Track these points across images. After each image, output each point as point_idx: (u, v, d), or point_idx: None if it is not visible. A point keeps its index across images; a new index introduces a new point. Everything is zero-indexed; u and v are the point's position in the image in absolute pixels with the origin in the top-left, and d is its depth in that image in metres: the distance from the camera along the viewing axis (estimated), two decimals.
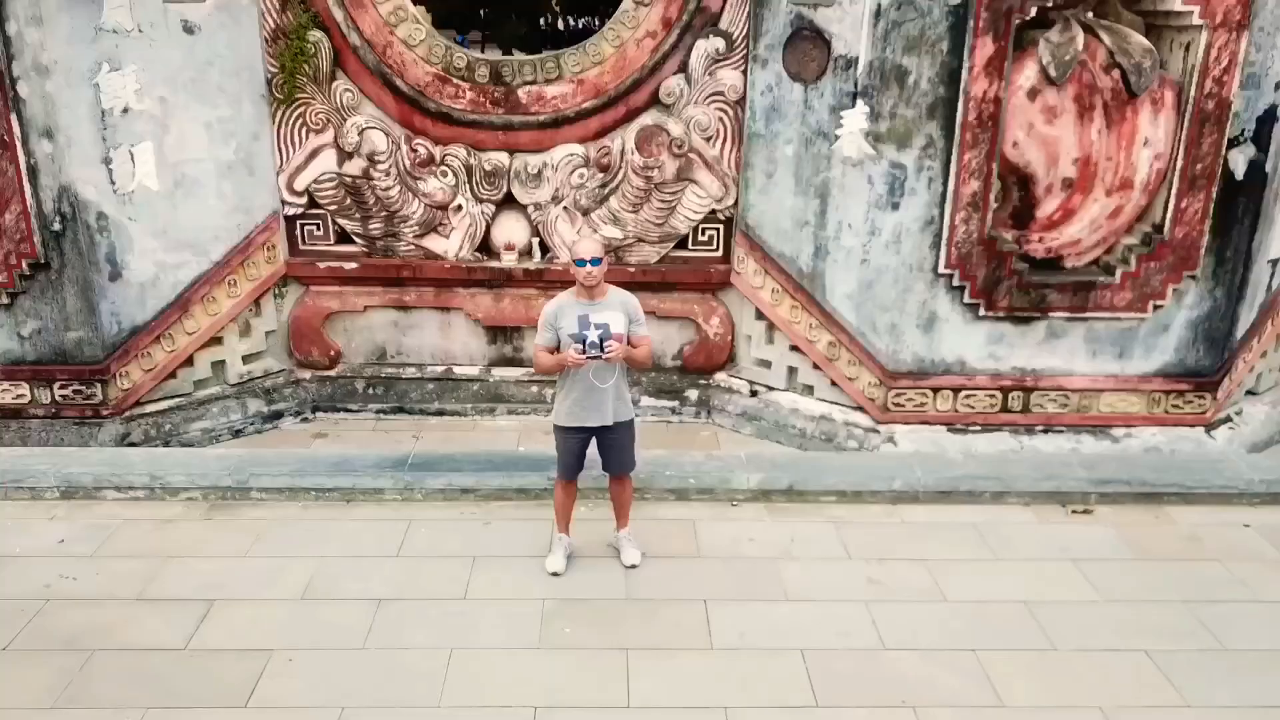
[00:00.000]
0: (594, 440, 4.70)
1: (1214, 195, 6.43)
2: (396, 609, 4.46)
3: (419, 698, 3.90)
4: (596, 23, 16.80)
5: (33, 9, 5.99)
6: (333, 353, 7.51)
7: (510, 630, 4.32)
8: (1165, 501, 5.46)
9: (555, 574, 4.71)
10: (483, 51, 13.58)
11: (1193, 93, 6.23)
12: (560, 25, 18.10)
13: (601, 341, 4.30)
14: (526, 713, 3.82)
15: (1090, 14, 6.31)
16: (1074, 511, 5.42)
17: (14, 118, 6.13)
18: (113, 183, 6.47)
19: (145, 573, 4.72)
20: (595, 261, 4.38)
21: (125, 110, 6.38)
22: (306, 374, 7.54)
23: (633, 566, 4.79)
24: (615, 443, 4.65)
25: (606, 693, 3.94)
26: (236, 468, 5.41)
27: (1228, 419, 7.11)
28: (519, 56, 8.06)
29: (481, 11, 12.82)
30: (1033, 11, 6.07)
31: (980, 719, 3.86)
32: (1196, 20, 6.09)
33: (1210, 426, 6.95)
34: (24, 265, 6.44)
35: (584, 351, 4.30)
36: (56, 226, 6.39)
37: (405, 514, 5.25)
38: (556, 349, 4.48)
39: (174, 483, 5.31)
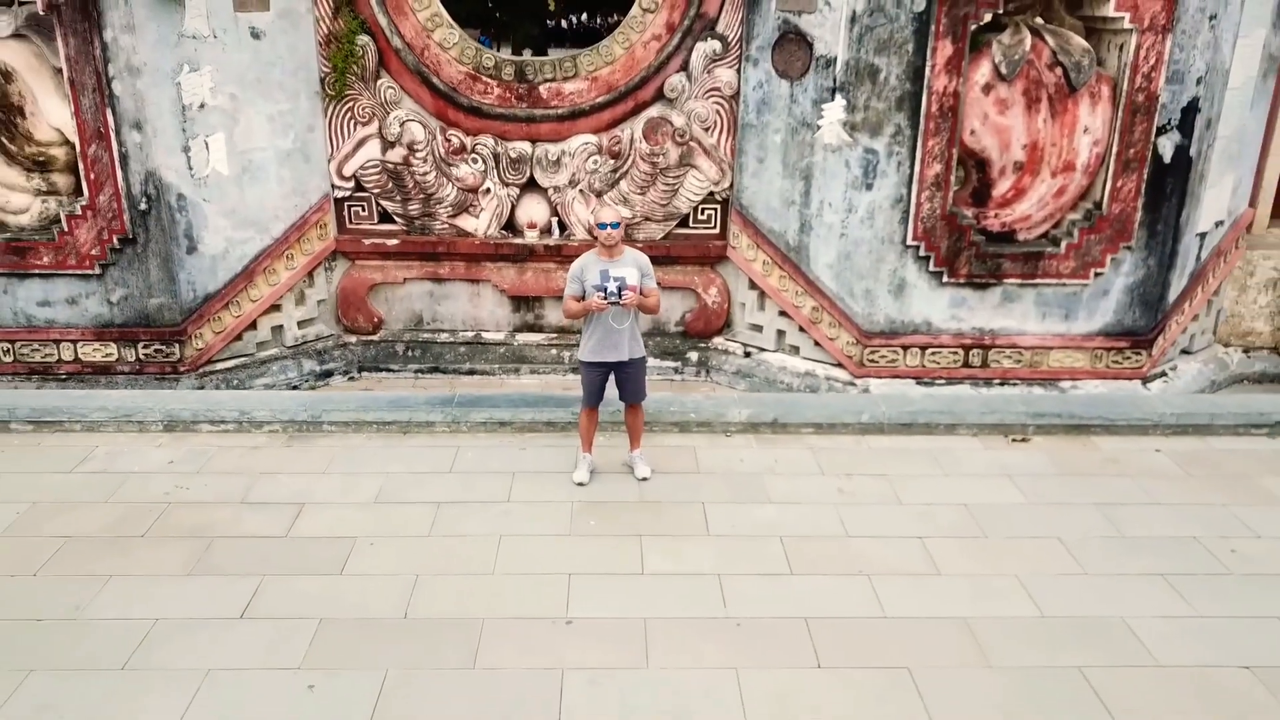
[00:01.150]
0: (612, 375, 5.80)
1: (1145, 176, 7.52)
2: (453, 510, 5.57)
3: (477, 568, 5.02)
4: (595, 21, 17.91)
5: (126, 18, 7.10)
6: (376, 319, 8.62)
7: (546, 523, 5.43)
8: (1092, 432, 6.56)
9: (580, 484, 5.82)
10: (497, 49, 14.72)
11: (1125, 87, 7.33)
12: (564, 25, 19.25)
13: (619, 290, 5.41)
14: (562, 578, 4.93)
15: (1038, 19, 7.42)
16: (1014, 440, 6.52)
17: (109, 112, 7.24)
18: (190, 168, 7.58)
19: (243, 485, 5.83)
20: (615, 225, 5.49)
21: (202, 105, 7.49)
22: (353, 338, 8.65)
23: (644, 479, 5.90)
24: (630, 376, 5.76)
25: (625, 564, 5.05)
26: (310, 405, 6.53)
27: (1163, 374, 8.21)
28: (540, 57, 9.15)
29: (497, 13, 13.96)
30: (986, 17, 7.17)
31: (920, 583, 4.96)
32: (1127, 25, 7.19)
33: (1146, 380, 8.05)
34: (115, 240, 7.55)
35: (605, 298, 5.41)
36: (143, 206, 7.51)
37: (454, 442, 6.37)
38: (582, 298, 5.58)
39: (258, 417, 6.43)
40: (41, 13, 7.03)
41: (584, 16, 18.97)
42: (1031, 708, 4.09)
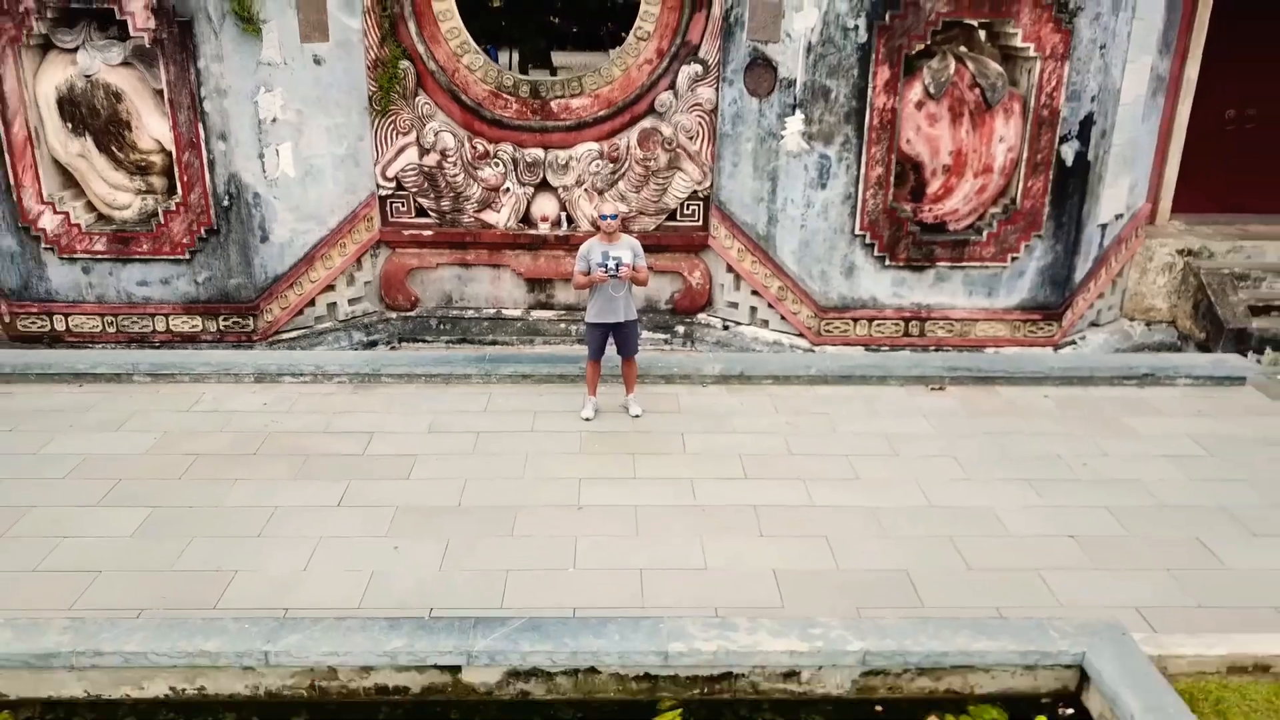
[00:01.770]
0: (611, 336, 7.49)
1: (1051, 177, 9.22)
2: (489, 437, 7.27)
3: (509, 475, 6.72)
4: (599, 29, 19.48)
5: (216, 50, 8.80)
6: (413, 298, 10.33)
7: (561, 446, 7.13)
8: (996, 383, 8.26)
9: (587, 419, 7.52)
10: (510, 61, 16.44)
11: (1033, 104, 9.02)
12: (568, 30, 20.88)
13: (617, 266, 7.11)
14: (574, 481, 6.64)
15: (961, 47, 9.11)
16: (932, 388, 8.22)
17: (200, 126, 8.94)
18: (264, 172, 9.27)
19: (324, 420, 7.54)
20: (614, 216, 7.20)
21: (274, 120, 9.19)
22: (393, 314, 10.35)
23: (636, 416, 7.60)
24: (626, 334, 7.47)
25: (620, 472, 6.76)
26: (371, 362, 8.24)
27: (1073, 342, 9.91)
28: (551, 78, 10.83)
29: (505, 26, 15.67)
30: (918, 47, 8.86)
31: (843, 485, 6.66)
32: (1033, 53, 8.88)
33: (1058, 347, 9.74)
34: (202, 231, 9.25)
35: (606, 272, 7.11)
36: (225, 203, 9.21)
37: (486, 390, 8.08)
38: (588, 274, 7.28)
39: (330, 371, 8.13)
40: (147, 45, 8.73)
41: (586, 24, 20.58)
42: (911, 560, 5.80)
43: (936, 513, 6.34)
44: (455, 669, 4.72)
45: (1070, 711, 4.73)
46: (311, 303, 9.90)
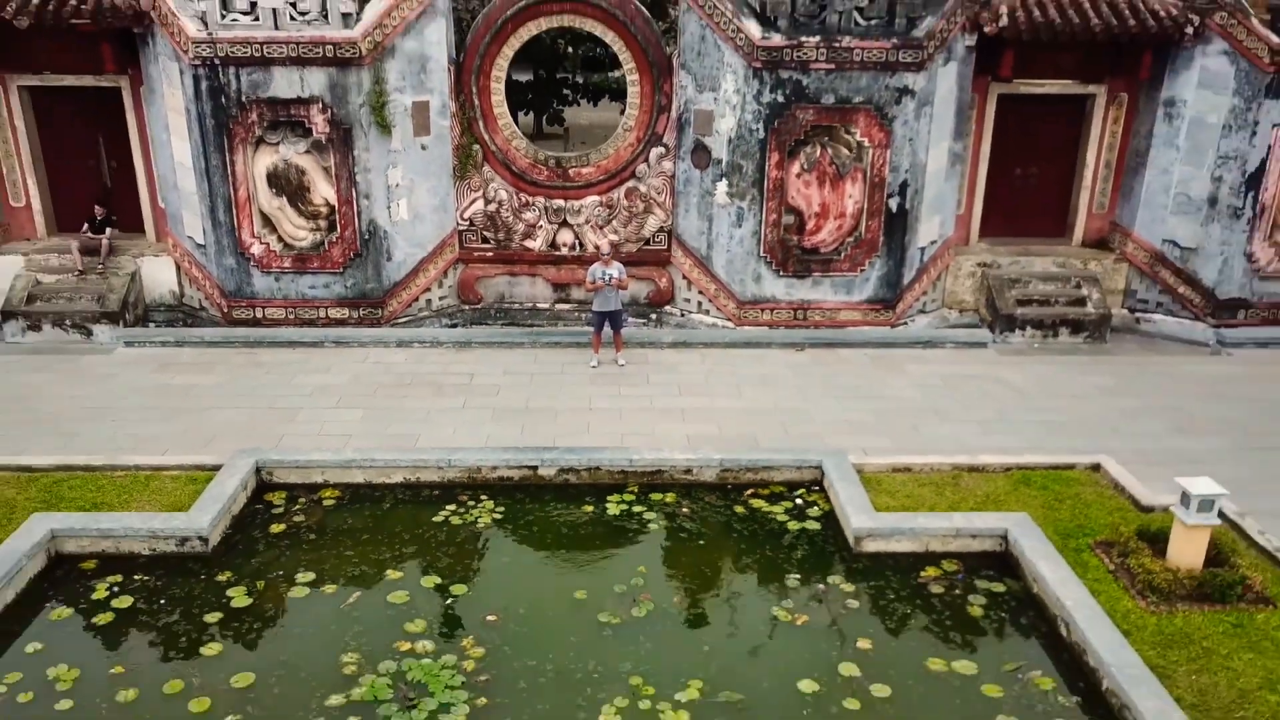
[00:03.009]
0: (608, 319, 13.30)
1: (883, 220, 14.98)
2: (538, 378, 13.13)
3: (552, 393, 12.61)
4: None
5: (364, 143, 14.56)
6: (478, 296, 16.10)
7: (579, 379, 13.01)
8: (836, 347, 14.10)
9: (593, 366, 13.40)
10: (532, 122, 22.13)
11: (869, 174, 14.77)
12: (578, 81, 26.40)
13: (610, 279, 12.92)
14: (587, 396, 12.51)
15: (825, 138, 14.84)
16: (796, 350, 14.02)
17: (353, 190, 14.72)
18: (390, 217, 15.04)
19: (441, 367, 13.40)
20: (608, 250, 13.03)
21: (396, 185, 14.96)
22: (466, 307, 16.13)
23: (621, 365, 13.47)
24: (616, 318, 13.37)
25: (612, 393, 12.62)
26: (464, 335, 14.08)
27: (905, 324, 15.68)
28: (569, 153, 16.58)
29: (529, 95, 21.36)
30: (797, 139, 14.60)
31: (732, 399, 12.49)
32: (868, 144, 14.63)
33: (893, 326, 15.51)
34: (351, 254, 15.03)
35: (605, 282, 12.93)
36: (366, 237, 14.99)
37: (534, 351, 13.98)
38: (594, 283, 13.10)
39: (440, 340, 13.98)
40: (322, 141, 14.49)
41: (592, 75, 26.04)
42: (759, 430, 11.60)
43: (779, 412, 12.16)
44: (534, 468, 10.52)
45: (817, 489, 10.49)
46: (416, 299, 15.68)
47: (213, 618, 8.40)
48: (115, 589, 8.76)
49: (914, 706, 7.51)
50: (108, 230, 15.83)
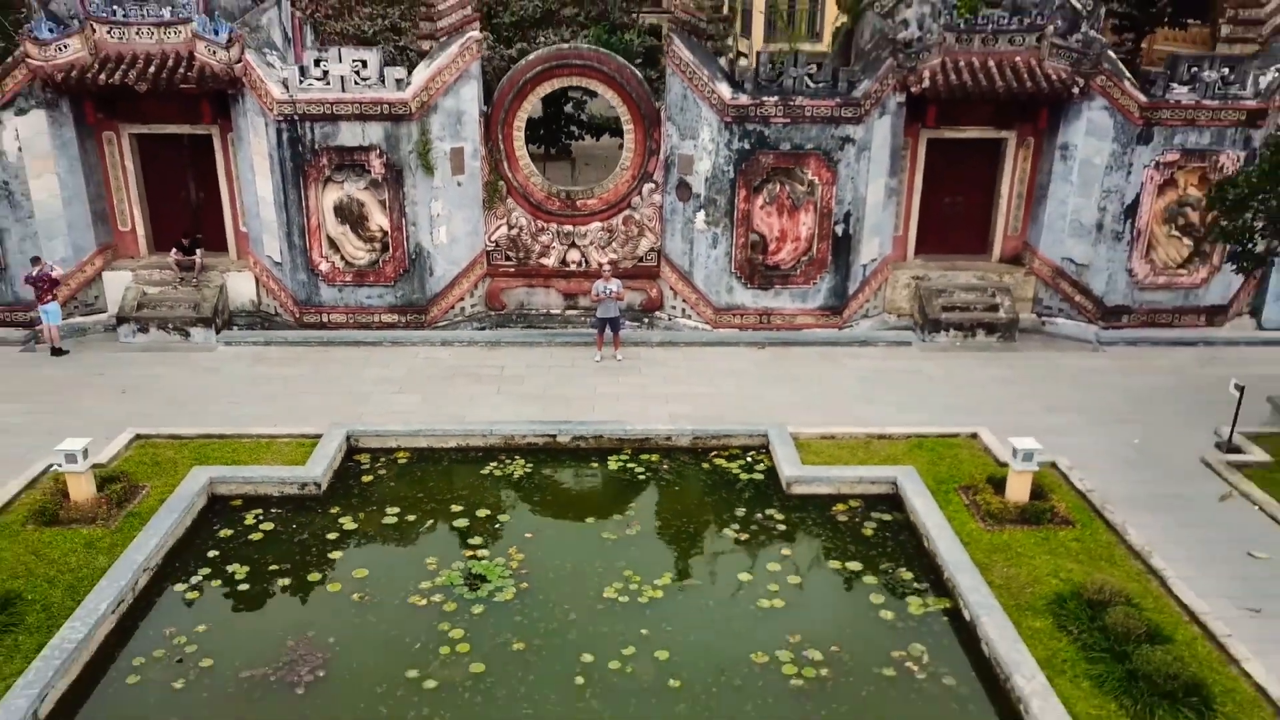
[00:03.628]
0: (609, 324, 17.00)
1: (831, 243, 18.66)
2: (554, 370, 16.85)
3: (565, 382, 16.33)
4: (595, 139, 28.20)
5: (413, 181, 18.26)
6: (502, 304, 19.79)
7: (586, 371, 16.75)
8: (793, 345, 17.77)
9: (597, 361, 17.13)
10: (544, 162, 25.82)
11: (820, 205, 18.45)
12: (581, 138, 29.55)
13: (609, 292, 16.62)
14: (593, 384, 16.22)
15: (782, 176, 18.50)
16: (759, 349, 17.70)
17: (403, 219, 18.40)
18: (432, 241, 18.73)
19: (477, 362, 17.12)
20: (609, 269, 16.75)
21: (437, 215, 18.65)
22: (492, 313, 19.82)
23: (619, 360, 17.18)
24: (615, 323, 17.09)
25: (612, 382, 16.34)
26: (494, 336, 17.77)
27: (851, 326, 19.37)
28: (577, 187, 20.27)
29: (541, 132, 25.03)
30: (760, 179, 18.27)
31: (706, 387, 16.20)
32: (818, 182, 18.31)
33: (840, 329, 19.18)
34: (401, 270, 18.72)
35: (605, 294, 16.62)
36: (413, 256, 18.68)
37: (550, 349, 17.73)
38: (598, 296, 16.79)
39: (476, 340, 17.67)
40: (379, 180, 18.16)
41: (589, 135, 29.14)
42: (725, 411, 15.30)
43: (741, 396, 15.87)
44: (554, 436, 14.24)
45: (764, 451, 14.15)
46: (453, 307, 19.36)
47: (332, 536, 12.10)
48: (259, 518, 12.47)
49: (815, 589, 11.22)
50: (199, 250, 19.51)
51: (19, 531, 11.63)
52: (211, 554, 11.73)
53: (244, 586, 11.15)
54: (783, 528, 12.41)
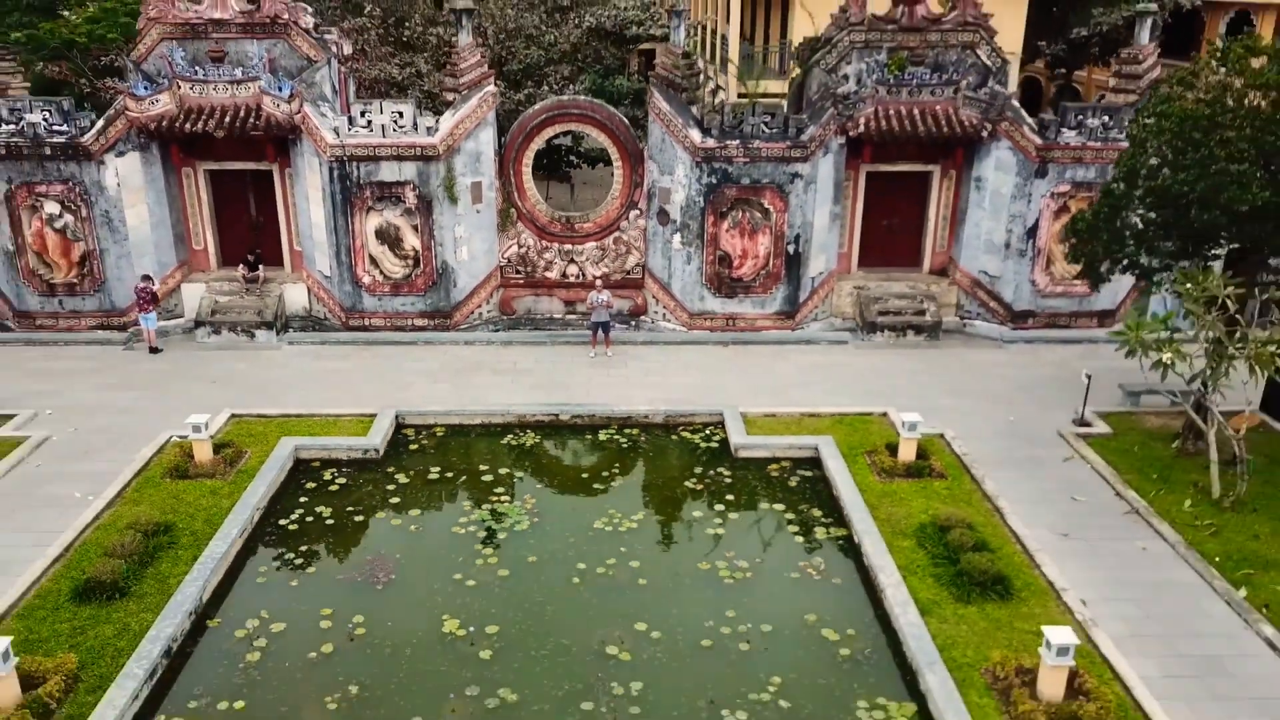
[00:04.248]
0: (600, 327, 21.16)
1: (784, 260, 22.82)
2: (557, 364, 21.04)
3: (565, 372, 20.52)
4: (590, 167, 32.40)
5: (440, 209, 22.42)
6: (513, 310, 23.94)
7: (581, 364, 20.95)
8: (749, 344, 21.93)
9: (591, 357, 21.30)
10: (546, 182, 30.02)
11: (775, 229, 22.60)
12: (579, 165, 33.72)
13: (600, 301, 20.77)
14: (587, 375, 20.37)
15: (745, 205, 22.63)
16: (723, 346, 21.87)
17: (432, 240, 22.56)
18: (456, 258, 22.89)
19: (494, 358, 21.30)
20: (601, 281, 20.89)
21: (459, 237, 22.82)
22: (505, 318, 23.97)
23: (610, 356, 21.35)
24: (606, 326, 21.27)
25: (606, 373, 20.52)
26: (508, 337, 21.92)
27: (802, 328, 23.51)
28: (576, 213, 24.44)
29: (544, 161, 29.13)
30: (726, 207, 22.42)
31: (680, 378, 20.34)
32: (773, 209, 22.45)
33: (793, 330, 23.31)
34: (430, 282, 22.89)
35: (597, 303, 20.78)
36: (440, 271, 22.86)
37: (554, 348, 21.91)
38: (591, 305, 20.95)
39: (492, 340, 21.82)
40: (412, 209, 22.30)
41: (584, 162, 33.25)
42: (692, 396, 19.45)
43: (706, 385, 20.05)
44: (557, 415, 18.45)
45: (720, 426, 18.27)
46: (472, 313, 23.50)
47: (390, 487, 16.28)
48: (334, 475, 16.62)
49: (749, 523, 15.41)
50: (261, 265, 23.65)
51: (160, 483, 15.80)
52: (302, 500, 15.89)
53: (330, 521, 15.31)
54: (729, 481, 16.55)
